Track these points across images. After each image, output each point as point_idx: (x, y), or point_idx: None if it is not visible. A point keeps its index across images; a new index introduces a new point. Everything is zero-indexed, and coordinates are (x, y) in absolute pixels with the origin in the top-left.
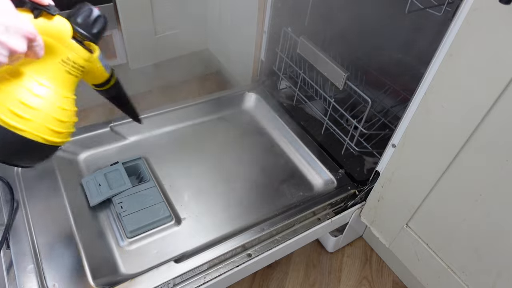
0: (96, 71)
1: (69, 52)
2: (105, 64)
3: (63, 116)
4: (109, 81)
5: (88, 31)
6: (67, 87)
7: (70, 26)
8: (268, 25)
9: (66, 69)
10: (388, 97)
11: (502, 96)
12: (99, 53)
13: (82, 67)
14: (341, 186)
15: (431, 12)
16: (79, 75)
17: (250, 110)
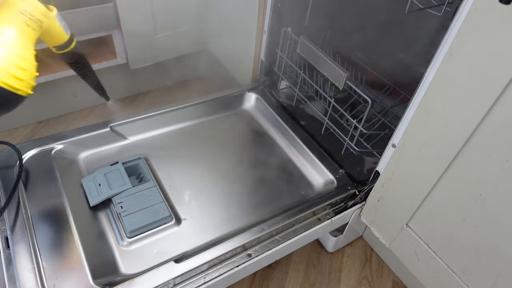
0: (54, 30)
1: (26, 4)
2: (64, 25)
3: (23, 64)
4: (68, 45)
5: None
6: (26, 38)
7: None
8: (268, 25)
9: (24, 20)
10: (388, 97)
11: (502, 96)
12: (56, 12)
13: (40, 21)
14: (341, 186)
15: (431, 12)
16: (37, 29)
17: (250, 110)
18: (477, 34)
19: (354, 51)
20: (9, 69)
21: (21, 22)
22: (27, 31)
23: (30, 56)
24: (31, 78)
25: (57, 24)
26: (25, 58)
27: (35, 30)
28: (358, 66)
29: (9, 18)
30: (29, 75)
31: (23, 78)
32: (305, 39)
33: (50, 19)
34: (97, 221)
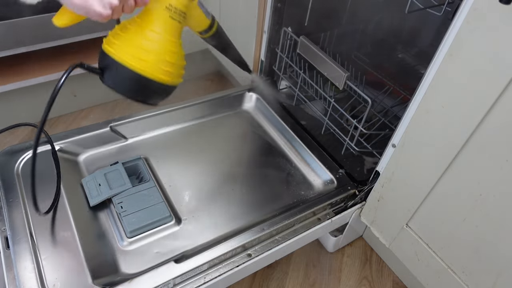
0: (196, 17)
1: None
2: (205, 10)
3: (172, 58)
4: (210, 28)
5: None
6: (173, 32)
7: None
8: (268, 25)
9: (170, 15)
10: (388, 97)
11: (502, 96)
12: (197, 0)
13: (183, 12)
14: (341, 186)
15: (431, 12)
16: (182, 21)
17: (250, 110)
18: (477, 34)
19: (354, 51)
20: (160, 65)
21: (167, 17)
22: (172, 24)
23: (178, 49)
24: (179, 68)
25: (199, 12)
26: (173, 51)
27: (180, 22)
28: (358, 66)
29: (156, 15)
30: (177, 67)
31: (172, 71)
32: (305, 39)
33: (192, 8)
34: (97, 221)
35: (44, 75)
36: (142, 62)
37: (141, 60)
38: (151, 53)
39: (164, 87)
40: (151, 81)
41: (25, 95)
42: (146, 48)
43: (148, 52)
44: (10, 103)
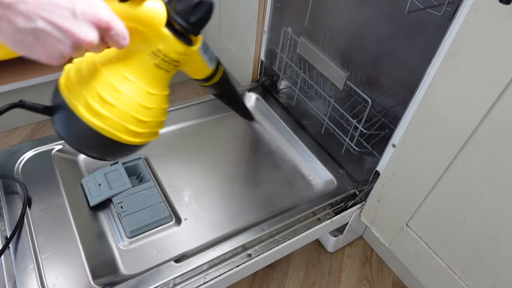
0: (195, 65)
1: (160, 43)
2: (208, 58)
3: (144, 115)
4: (212, 77)
5: (186, 20)
6: (155, 82)
7: (164, 12)
8: (268, 25)
9: (156, 62)
10: (388, 97)
11: (502, 96)
12: (200, 45)
13: (176, 61)
14: (341, 186)
15: (431, 12)
16: (171, 70)
17: (250, 110)
18: (477, 34)
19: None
20: (126, 123)
21: (150, 64)
22: (156, 74)
23: (156, 103)
24: (155, 126)
25: (198, 59)
26: (147, 107)
27: (168, 71)
28: (358, 66)
29: (137, 59)
30: (151, 125)
31: (143, 131)
32: (305, 39)
33: (191, 55)
34: (97, 221)
35: (44, 75)
36: (101, 117)
37: (99, 115)
38: (115, 107)
39: (129, 147)
40: (111, 141)
41: (25, 95)
42: (110, 99)
43: (112, 105)
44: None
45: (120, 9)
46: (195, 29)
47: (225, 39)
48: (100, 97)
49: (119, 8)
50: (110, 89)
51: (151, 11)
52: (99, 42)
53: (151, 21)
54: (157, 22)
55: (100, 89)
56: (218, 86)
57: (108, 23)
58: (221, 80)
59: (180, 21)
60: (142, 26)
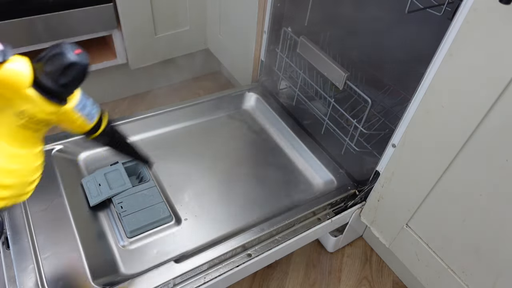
0: (71, 122)
1: (24, 104)
2: (87, 113)
3: (7, 178)
4: (93, 131)
5: (55, 82)
6: (22, 141)
7: (29, 74)
8: (268, 25)
9: (21, 123)
10: (388, 97)
11: (502, 96)
12: (76, 103)
13: (46, 120)
14: (341, 186)
15: (431, 12)
16: (41, 128)
17: (250, 110)
18: (477, 34)
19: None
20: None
21: (14, 126)
22: (23, 134)
23: (24, 163)
24: (19, 189)
25: (75, 117)
26: (10, 170)
27: (36, 130)
28: (358, 66)
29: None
30: (15, 188)
31: (6, 195)
32: (305, 39)
33: (65, 114)
34: (97, 221)
35: None
36: None
37: None
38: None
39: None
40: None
41: None
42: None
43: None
44: None
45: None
46: (66, 91)
47: (225, 39)
48: None
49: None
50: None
51: (13, 74)
52: None
53: (12, 84)
54: (19, 85)
55: None
56: (102, 138)
57: None
58: (105, 133)
59: (49, 84)
60: (2, 89)
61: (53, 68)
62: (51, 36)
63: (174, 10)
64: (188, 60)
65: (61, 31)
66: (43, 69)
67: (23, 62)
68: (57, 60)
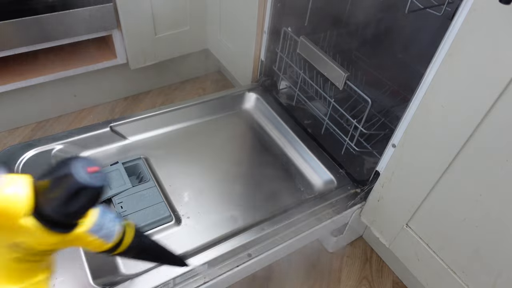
0: (85, 245)
1: (19, 236)
2: (105, 234)
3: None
4: (116, 248)
5: (61, 210)
6: (17, 277)
7: (27, 201)
8: (268, 25)
9: (15, 257)
10: (388, 97)
11: (502, 96)
12: (91, 226)
13: (48, 250)
14: (341, 186)
15: (431, 12)
16: (43, 259)
17: (250, 110)
18: (477, 34)
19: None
20: None
21: (8, 259)
22: (19, 267)
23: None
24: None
25: (90, 239)
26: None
27: (37, 261)
28: (358, 66)
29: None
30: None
31: None
32: (305, 39)
33: (75, 239)
34: None
35: (44, 75)
36: None
37: None
38: None
39: None
40: None
41: (25, 95)
42: None
43: None
44: (10, 103)
45: None
46: (74, 219)
47: (225, 39)
48: None
49: None
50: None
51: (5, 200)
52: None
53: (4, 214)
54: (12, 214)
55: None
56: (128, 253)
57: None
58: (132, 246)
59: (51, 212)
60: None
61: (59, 193)
62: (51, 36)
63: (174, 10)
64: (188, 60)
65: (61, 31)
66: (46, 192)
67: (22, 184)
68: (65, 184)
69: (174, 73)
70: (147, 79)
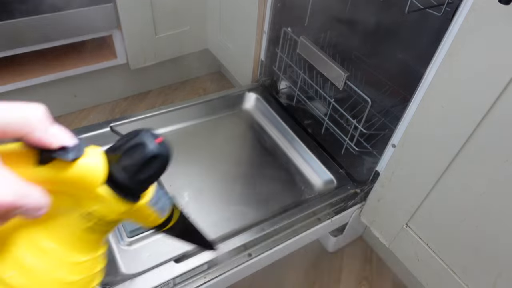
0: (143, 218)
1: (94, 204)
2: (159, 208)
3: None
4: (165, 225)
5: (133, 177)
6: (85, 247)
7: (102, 171)
8: (268, 25)
9: (87, 226)
10: (388, 97)
11: (501, 96)
12: (151, 198)
13: (115, 221)
14: (341, 186)
15: (431, 12)
16: (109, 230)
17: (250, 110)
18: (477, 34)
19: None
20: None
21: (79, 230)
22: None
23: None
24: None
25: (148, 212)
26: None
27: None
28: (358, 66)
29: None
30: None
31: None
32: (305, 39)
33: (137, 211)
34: None
35: (44, 75)
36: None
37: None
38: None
39: None
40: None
41: (25, 95)
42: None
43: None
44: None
45: (39, 173)
46: (144, 187)
47: (225, 39)
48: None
49: (37, 172)
50: (16, 265)
51: (85, 170)
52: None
53: (84, 182)
54: (91, 183)
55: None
56: (172, 231)
57: (10, 204)
58: (176, 225)
59: (125, 180)
60: (69, 188)
61: (132, 162)
62: (52, 36)
63: (174, 10)
64: (188, 60)
65: (62, 31)
66: (119, 162)
67: (98, 155)
68: (137, 153)
69: (174, 73)
70: (147, 79)
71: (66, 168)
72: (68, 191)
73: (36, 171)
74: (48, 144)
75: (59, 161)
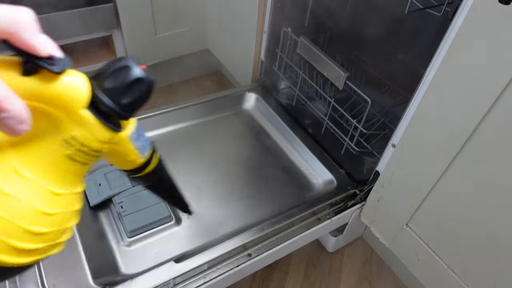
0: (122, 154)
1: (76, 129)
2: (141, 145)
3: (42, 225)
4: (143, 168)
5: (116, 101)
6: (64, 178)
7: (86, 91)
8: (268, 25)
9: (68, 153)
10: (388, 97)
11: (502, 96)
12: (132, 131)
13: (97, 151)
14: (341, 186)
15: (431, 12)
16: (89, 161)
17: (250, 110)
18: (477, 34)
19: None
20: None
21: (59, 155)
22: (67, 167)
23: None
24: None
25: (127, 148)
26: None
27: (83, 164)
28: (358, 66)
29: (39, 150)
30: (48, 237)
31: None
32: (305, 39)
33: (118, 144)
34: (97, 221)
35: None
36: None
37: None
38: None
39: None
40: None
41: None
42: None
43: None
44: None
45: (22, 84)
46: (128, 113)
47: (225, 39)
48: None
49: (21, 83)
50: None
51: (68, 89)
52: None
53: (67, 102)
54: (74, 103)
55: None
56: (149, 177)
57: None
58: (155, 171)
59: (108, 103)
60: (53, 108)
61: (116, 84)
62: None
63: (174, 10)
64: (188, 60)
65: (62, 31)
66: (102, 85)
67: (82, 76)
68: (121, 75)
69: (174, 73)
70: None
71: (51, 82)
72: (50, 111)
73: (20, 81)
74: (35, 50)
75: (44, 73)
